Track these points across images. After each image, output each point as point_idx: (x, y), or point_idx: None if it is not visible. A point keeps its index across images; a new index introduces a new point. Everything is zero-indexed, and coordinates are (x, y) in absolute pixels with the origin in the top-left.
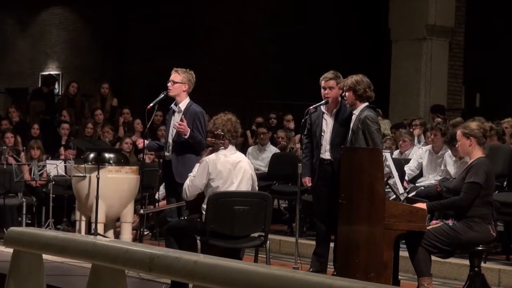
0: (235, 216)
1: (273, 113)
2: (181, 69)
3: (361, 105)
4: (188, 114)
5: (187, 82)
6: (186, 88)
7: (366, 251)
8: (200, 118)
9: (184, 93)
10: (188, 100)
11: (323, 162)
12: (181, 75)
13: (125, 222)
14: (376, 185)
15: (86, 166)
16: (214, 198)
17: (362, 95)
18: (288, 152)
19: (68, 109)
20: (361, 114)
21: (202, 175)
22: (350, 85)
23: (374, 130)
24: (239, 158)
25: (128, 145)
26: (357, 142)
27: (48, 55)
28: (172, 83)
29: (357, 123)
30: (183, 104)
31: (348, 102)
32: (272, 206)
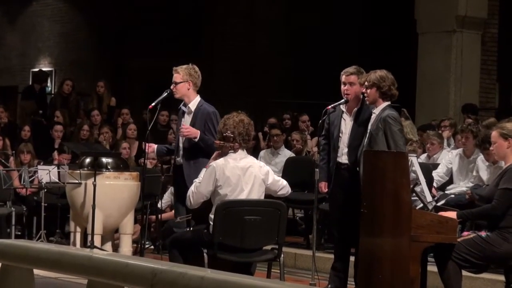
0: (246, 227)
1: (287, 113)
2: (180, 67)
3: (383, 104)
4: (199, 115)
5: (189, 79)
6: (190, 85)
7: (391, 265)
8: (212, 119)
9: (191, 92)
10: (199, 99)
11: (340, 167)
12: (181, 73)
13: (125, 233)
14: (402, 193)
15: (81, 172)
16: (223, 207)
17: (386, 92)
18: (304, 156)
19: (61, 109)
20: (381, 113)
21: (208, 182)
22: (374, 81)
23: (396, 131)
24: (250, 163)
25: (126, 150)
26: (375, 144)
27: (40, 50)
28: (174, 84)
29: (377, 123)
30: (193, 104)
31: (368, 100)
32: (287, 216)
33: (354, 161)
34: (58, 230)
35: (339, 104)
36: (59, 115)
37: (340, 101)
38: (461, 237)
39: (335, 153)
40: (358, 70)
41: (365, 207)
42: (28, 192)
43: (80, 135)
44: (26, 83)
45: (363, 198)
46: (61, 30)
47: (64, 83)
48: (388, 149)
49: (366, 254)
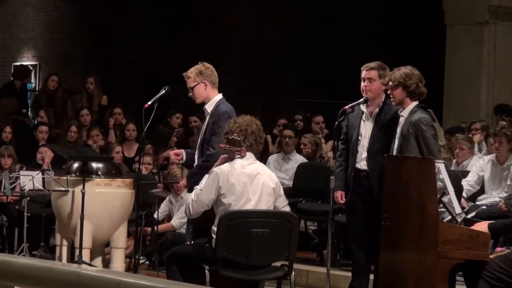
0: (253, 240)
1: (299, 113)
2: (189, 71)
3: (411, 105)
4: (212, 118)
5: (202, 78)
6: (206, 85)
7: (415, 285)
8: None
9: (209, 91)
10: (218, 98)
11: (359, 174)
12: (192, 76)
13: (117, 247)
14: (427, 203)
15: (68, 179)
16: (227, 218)
17: (414, 91)
18: (317, 162)
19: (46, 108)
20: (411, 116)
21: (211, 189)
22: (399, 80)
23: (429, 136)
24: (258, 170)
25: (120, 155)
26: (407, 150)
27: (22, 42)
28: (190, 91)
29: (408, 127)
30: (210, 104)
31: (394, 101)
32: (298, 229)
33: (374, 167)
34: (42, 243)
35: (358, 103)
36: (44, 115)
37: (359, 100)
38: (493, 254)
39: (354, 159)
40: (379, 66)
41: (387, 219)
42: (9, 200)
43: (67, 137)
44: (8, 78)
45: (385, 209)
46: (46, 19)
47: (49, 79)
48: (421, 155)
49: (388, 272)
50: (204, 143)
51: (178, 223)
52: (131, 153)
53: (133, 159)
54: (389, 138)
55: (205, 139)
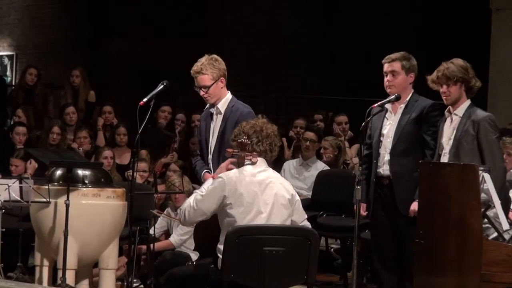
0: (266, 261)
1: (319, 112)
2: (201, 65)
3: (466, 102)
4: (231, 117)
5: (220, 74)
6: (222, 83)
7: None
8: None
9: (223, 89)
10: (230, 97)
11: (381, 181)
12: (209, 73)
13: (106, 268)
14: (470, 218)
15: (50, 188)
16: (236, 234)
17: (472, 87)
18: (340, 170)
19: (24, 106)
20: (470, 114)
21: (213, 197)
22: (458, 75)
23: (495, 139)
24: (270, 177)
25: (108, 160)
26: (465, 156)
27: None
28: (205, 90)
29: (468, 128)
30: (223, 103)
31: (449, 100)
32: (319, 247)
33: (398, 171)
34: (20, 263)
35: (389, 101)
36: (22, 114)
37: (390, 97)
38: None
39: (376, 163)
40: (403, 56)
41: (422, 236)
42: None
43: (48, 139)
44: None
45: (419, 225)
46: (24, 2)
47: (27, 72)
48: (482, 163)
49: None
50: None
51: (178, 241)
52: (123, 159)
53: (126, 166)
54: (416, 138)
55: (224, 144)
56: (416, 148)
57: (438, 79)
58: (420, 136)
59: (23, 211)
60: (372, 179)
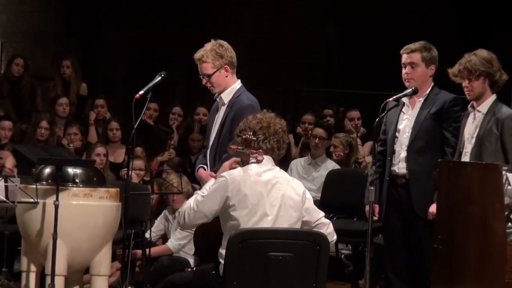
0: (271, 267)
1: (329, 107)
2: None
3: (490, 98)
4: (231, 111)
5: (223, 62)
6: (228, 70)
7: None
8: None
9: (230, 78)
10: (238, 86)
11: (396, 180)
12: (210, 60)
13: (98, 274)
14: (493, 222)
15: (38, 188)
16: (239, 238)
17: (497, 81)
18: (352, 169)
19: (10, 98)
20: (494, 111)
21: (215, 198)
22: (481, 68)
23: None
24: (277, 177)
25: (101, 158)
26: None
27: None
28: (207, 79)
29: (491, 126)
30: (227, 93)
31: (472, 95)
32: (329, 253)
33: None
34: (5, 268)
35: (406, 95)
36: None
37: (407, 90)
38: None
39: (390, 161)
40: (423, 47)
41: (440, 241)
42: None
43: (36, 134)
44: None
45: (438, 229)
46: None
47: (13, 62)
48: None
49: None
50: (219, 144)
51: (176, 245)
52: (117, 157)
53: (120, 164)
54: (435, 134)
55: (221, 138)
56: (435, 145)
57: (459, 72)
58: (440, 132)
59: (9, 212)
60: (385, 177)
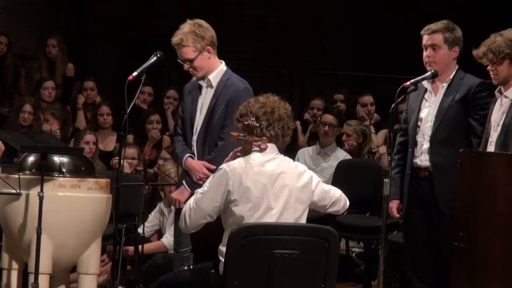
0: (276, 266)
1: (340, 91)
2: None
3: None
4: (223, 93)
5: (204, 43)
6: (210, 52)
7: None
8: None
9: (212, 60)
10: (224, 68)
11: (418, 174)
12: (190, 44)
13: (86, 273)
14: None
15: (21, 177)
16: (241, 234)
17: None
18: (365, 159)
19: None
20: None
21: (216, 194)
22: (506, 50)
23: None
24: (281, 167)
25: (90, 146)
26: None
27: None
28: (189, 64)
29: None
30: (215, 75)
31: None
32: (339, 251)
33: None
34: None
35: (424, 78)
36: None
37: (426, 74)
38: None
39: (411, 153)
40: (445, 27)
41: (462, 239)
42: None
43: (19, 119)
44: None
45: (459, 226)
46: None
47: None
48: None
49: None
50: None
51: (172, 242)
52: (107, 145)
53: (111, 153)
54: (460, 123)
55: (212, 124)
56: (461, 135)
57: (484, 55)
58: (466, 121)
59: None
60: (407, 171)
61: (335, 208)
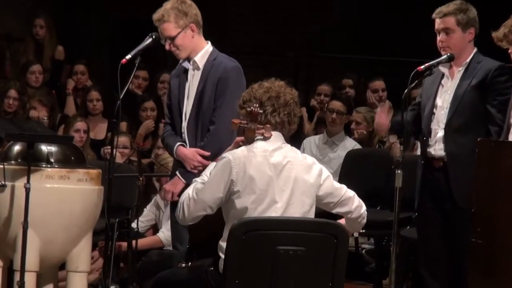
0: (280, 263)
1: (349, 76)
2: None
3: None
4: (211, 74)
5: (187, 21)
6: (194, 30)
7: None
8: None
9: (197, 39)
10: (210, 48)
11: (432, 164)
12: (172, 20)
13: (76, 271)
14: None
15: (6, 168)
16: (242, 229)
17: None
18: (375, 149)
19: None
20: None
21: (219, 184)
22: None
23: None
24: (288, 157)
25: (81, 134)
26: None
27: None
28: (170, 41)
29: None
30: (201, 56)
31: None
32: (347, 248)
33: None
34: None
35: (440, 62)
36: None
37: (441, 57)
38: None
39: (425, 142)
40: (458, 9)
41: (479, 234)
42: None
43: (4, 105)
44: None
45: (476, 221)
46: None
47: None
48: None
49: None
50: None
51: (169, 237)
52: (98, 133)
53: (102, 141)
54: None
55: (203, 108)
56: (478, 123)
57: (504, 36)
58: (483, 107)
59: None
60: (420, 161)
61: (345, 208)
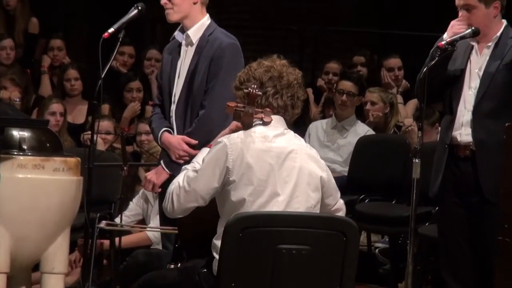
0: (282, 264)
1: (360, 53)
2: None
3: None
4: (204, 52)
5: None
6: None
7: None
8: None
9: (197, 9)
10: (207, 22)
11: (457, 152)
12: None
13: (51, 272)
14: None
15: None
16: (239, 226)
17: None
18: (390, 135)
19: None
20: None
21: (214, 171)
22: None
23: None
24: (292, 144)
25: (57, 117)
26: None
27: None
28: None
29: None
30: (195, 30)
31: None
32: (358, 247)
33: (484, 140)
34: None
35: (463, 37)
36: None
37: (465, 31)
38: None
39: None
40: None
41: (507, 232)
42: None
43: None
44: None
45: (504, 217)
46: None
47: None
48: None
49: None
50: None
51: (158, 234)
52: (76, 116)
53: (81, 126)
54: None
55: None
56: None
57: None
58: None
59: None
60: (441, 144)
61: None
